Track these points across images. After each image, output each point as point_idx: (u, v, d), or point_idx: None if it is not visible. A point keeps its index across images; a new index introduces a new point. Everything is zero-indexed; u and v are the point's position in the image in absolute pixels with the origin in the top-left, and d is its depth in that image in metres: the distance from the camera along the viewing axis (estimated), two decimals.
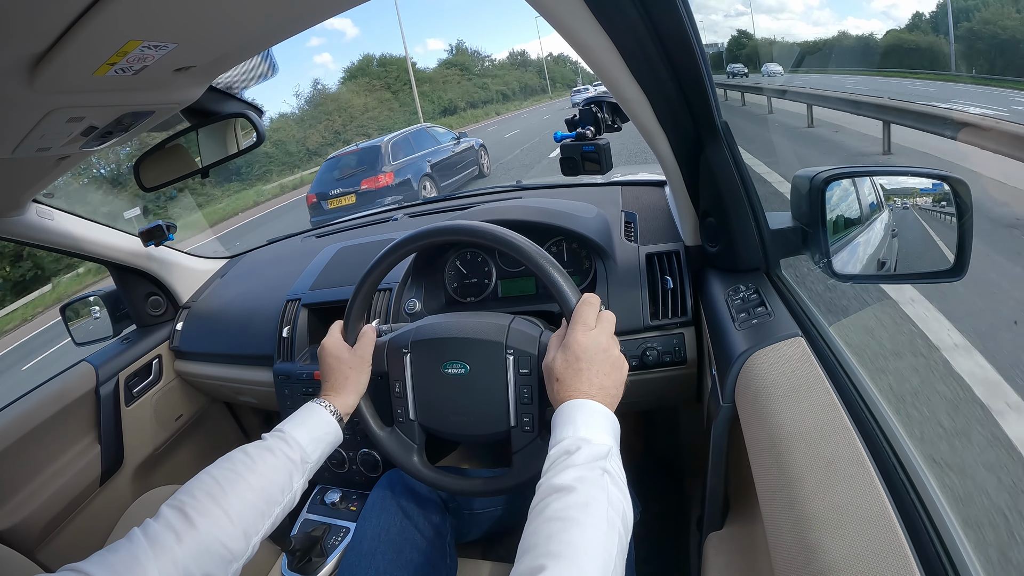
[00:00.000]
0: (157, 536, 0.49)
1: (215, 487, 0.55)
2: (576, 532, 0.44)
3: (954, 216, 0.64)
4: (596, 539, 0.44)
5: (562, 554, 0.43)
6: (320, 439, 0.66)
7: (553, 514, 0.46)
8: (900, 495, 0.43)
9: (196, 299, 1.45)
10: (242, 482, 0.56)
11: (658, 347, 0.92)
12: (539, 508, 0.48)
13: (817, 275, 1.90)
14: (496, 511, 0.91)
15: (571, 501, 0.47)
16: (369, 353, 0.76)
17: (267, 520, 0.57)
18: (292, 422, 0.66)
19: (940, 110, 5.05)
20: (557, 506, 0.47)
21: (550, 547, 0.43)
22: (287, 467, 0.61)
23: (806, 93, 8.36)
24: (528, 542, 0.46)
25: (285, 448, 0.62)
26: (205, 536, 0.51)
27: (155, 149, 0.92)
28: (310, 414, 0.68)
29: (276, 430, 0.64)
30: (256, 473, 0.58)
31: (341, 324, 0.77)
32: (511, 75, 45.83)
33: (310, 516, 1.07)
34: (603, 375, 0.58)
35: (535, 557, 0.43)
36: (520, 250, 0.67)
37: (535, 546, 0.44)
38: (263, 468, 0.59)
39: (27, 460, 1.12)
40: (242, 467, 0.58)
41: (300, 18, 0.53)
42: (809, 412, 0.51)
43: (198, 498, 0.54)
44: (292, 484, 0.61)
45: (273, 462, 0.60)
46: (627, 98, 0.69)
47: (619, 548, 0.46)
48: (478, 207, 1.27)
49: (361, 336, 0.76)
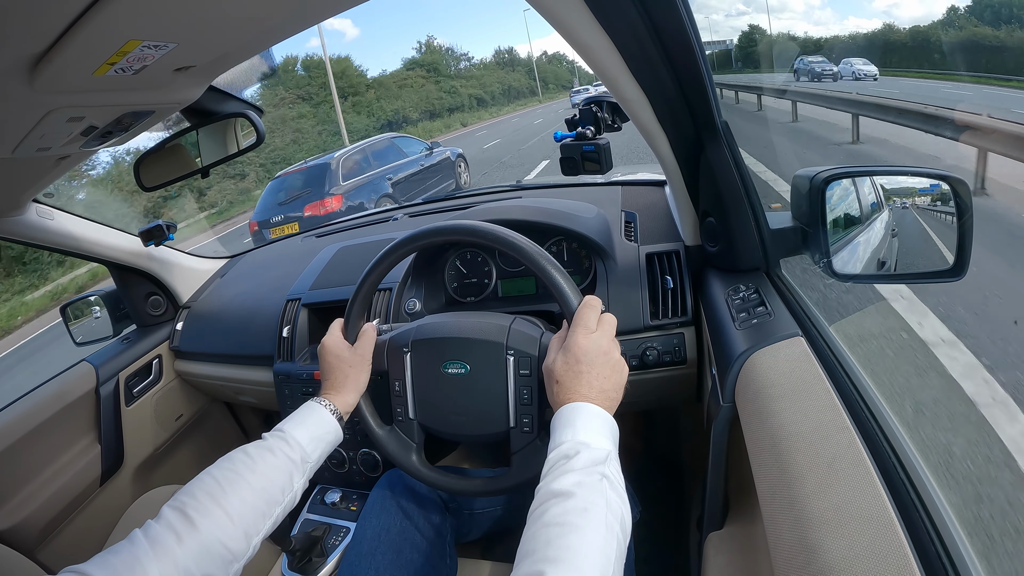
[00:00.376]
0: (158, 537, 0.49)
1: (216, 487, 0.55)
2: (575, 537, 0.44)
3: (954, 216, 0.64)
4: (595, 544, 0.44)
5: (561, 559, 0.43)
6: (320, 438, 0.66)
7: (552, 519, 0.46)
8: (900, 495, 0.43)
9: (196, 299, 1.45)
10: (242, 482, 0.57)
11: (658, 347, 0.92)
12: (538, 513, 0.48)
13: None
14: (496, 511, 0.91)
15: (570, 506, 0.47)
16: (370, 352, 0.76)
17: (268, 520, 0.57)
18: (292, 421, 0.66)
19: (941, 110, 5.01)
20: (556, 511, 0.47)
21: (548, 552, 0.44)
22: (287, 467, 0.61)
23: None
24: (527, 547, 0.46)
25: (285, 448, 0.62)
26: (206, 536, 0.51)
27: (155, 149, 0.92)
28: (310, 413, 0.68)
29: (276, 429, 0.65)
30: (256, 473, 0.58)
31: (342, 322, 0.77)
32: (492, 76, 41.30)
33: (310, 516, 1.07)
34: (603, 378, 0.58)
35: (534, 562, 0.43)
36: (521, 250, 0.67)
37: (534, 551, 0.44)
38: (263, 468, 0.59)
39: (27, 460, 1.12)
40: (242, 467, 0.58)
41: (300, 18, 0.53)
42: (809, 412, 0.51)
43: (199, 498, 0.54)
44: (293, 484, 0.61)
45: (273, 462, 0.60)
46: (627, 98, 0.69)
47: (618, 553, 0.46)
48: (478, 207, 1.27)
49: (361, 335, 0.76)
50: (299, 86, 24.47)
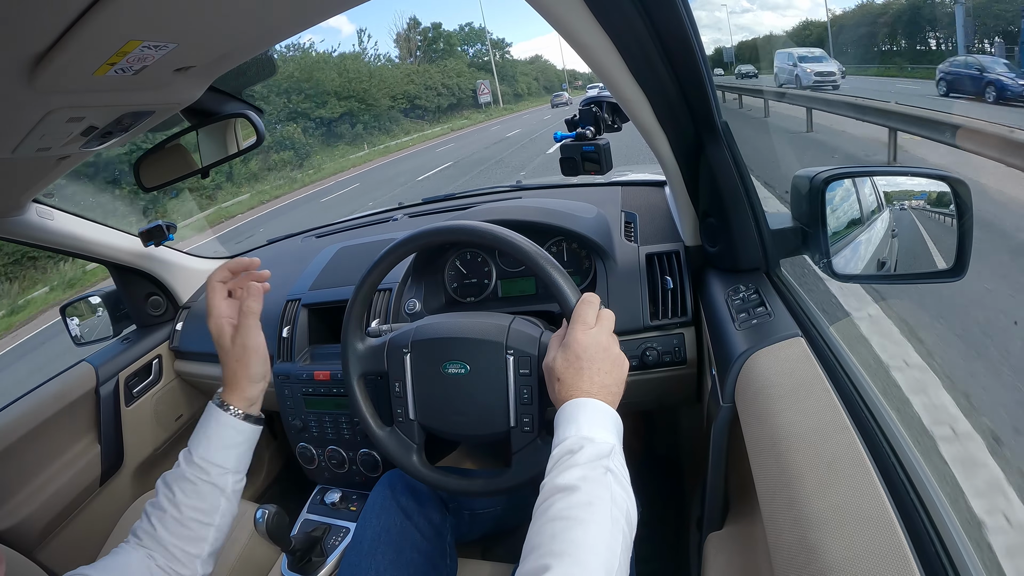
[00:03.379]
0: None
1: (150, 528, 0.61)
2: (580, 531, 0.44)
3: (954, 216, 0.64)
4: (600, 537, 0.45)
5: (566, 553, 0.43)
6: (232, 445, 0.65)
7: (557, 513, 0.46)
8: (900, 495, 0.43)
9: (196, 299, 1.45)
10: (170, 519, 0.61)
11: (658, 347, 0.92)
12: (543, 508, 0.48)
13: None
14: (496, 511, 0.91)
15: (575, 500, 0.47)
16: (253, 338, 0.68)
17: (204, 542, 0.61)
18: (197, 438, 0.65)
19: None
20: (561, 505, 0.47)
21: (554, 546, 0.44)
22: (209, 491, 0.63)
23: None
24: (532, 542, 0.46)
25: (199, 474, 0.63)
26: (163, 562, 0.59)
27: (155, 149, 0.92)
28: (211, 423, 0.66)
29: (187, 452, 0.65)
30: (181, 506, 0.61)
31: (225, 303, 0.68)
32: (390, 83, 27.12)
33: (310, 516, 1.07)
34: (604, 373, 0.58)
35: (540, 556, 0.43)
36: (520, 250, 0.67)
37: (539, 545, 0.45)
38: (183, 499, 0.62)
39: (27, 460, 1.12)
40: (166, 503, 0.62)
41: (300, 18, 0.53)
42: (809, 412, 0.51)
43: (142, 540, 0.60)
44: (219, 503, 0.63)
45: (193, 490, 0.62)
46: (627, 98, 0.69)
47: (623, 546, 0.46)
48: (478, 207, 1.27)
49: (242, 317, 0.68)
50: None
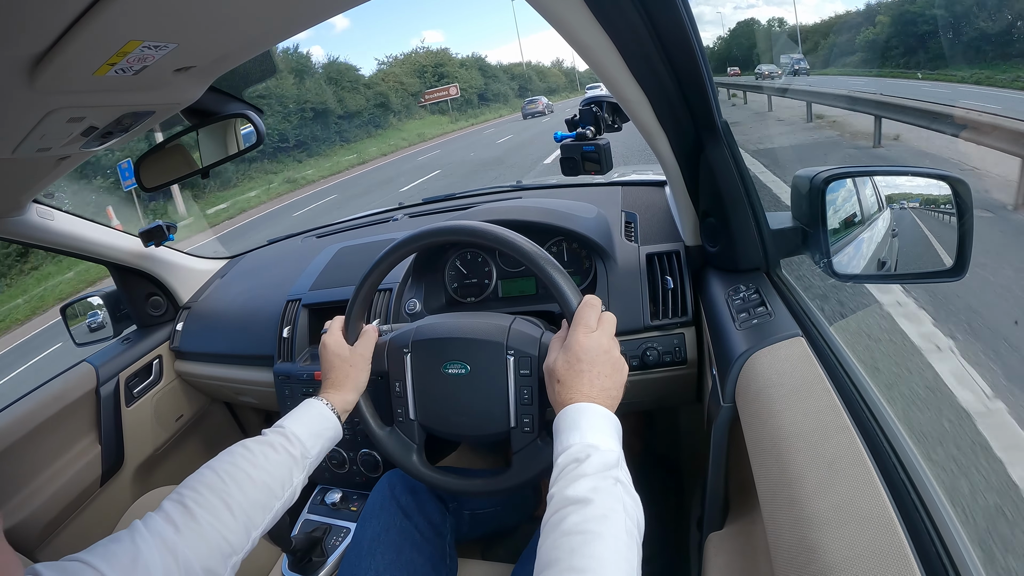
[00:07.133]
0: (158, 528, 0.50)
1: (216, 481, 0.56)
2: (599, 545, 0.44)
3: (954, 216, 0.64)
4: (618, 551, 0.44)
5: (588, 568, 0.42)
6: (319, 434, 0.66)
7: (572, 527, 0.46)
8: (900, 495, 0.43)
9: (196, 299, 1.45)
10: (243, 476, 0.57)
11: (658, 347, 0.92)
12: (555, 520, 0.47)
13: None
14: (496, 511, 0.91)
15: (589, 514, 0.46)
16: (370, 352, 0.76)
17: (267, 514, 0.58)
18: (292, 417, 0.66)
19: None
20: (576, 519, 0.46)
21: (573, 561, 0.43)
22: (287, 462, 0.61)
23: None
24: (549, 556, 0.45)
25: (285, 443, 0.62)
26: (206, 529, 0.51)
27: (155, 149, 0.92)
28: (309, 409, 0.68)
29: (276, 425, 0.65)
30: (257, 467, 0.58)
31: (342, 320, 0.77)
32: None
33: (311, 516, 1.07)
34: (604, 377, 0.58)
35: (559, 572, 0.43)
36: (521, 250, 0.66)
37: (557, 560, 0.44)
38: (263, 462, 0.59)
39: (27, 460, 1.12)
40: (243, 461, 0.58)
41: (300, 18, 0.53)
42: (809, 412, 0.51)
43: (199, 491, 0.54)
44: (292, 479, 0.61)
45: (274, 457, 0.60)
46: (627, 98, 0.69)
47: (638, 558, 0.46)
48: (478, 207, 1.27)
49: (363, 335, 0.76)
50: None
